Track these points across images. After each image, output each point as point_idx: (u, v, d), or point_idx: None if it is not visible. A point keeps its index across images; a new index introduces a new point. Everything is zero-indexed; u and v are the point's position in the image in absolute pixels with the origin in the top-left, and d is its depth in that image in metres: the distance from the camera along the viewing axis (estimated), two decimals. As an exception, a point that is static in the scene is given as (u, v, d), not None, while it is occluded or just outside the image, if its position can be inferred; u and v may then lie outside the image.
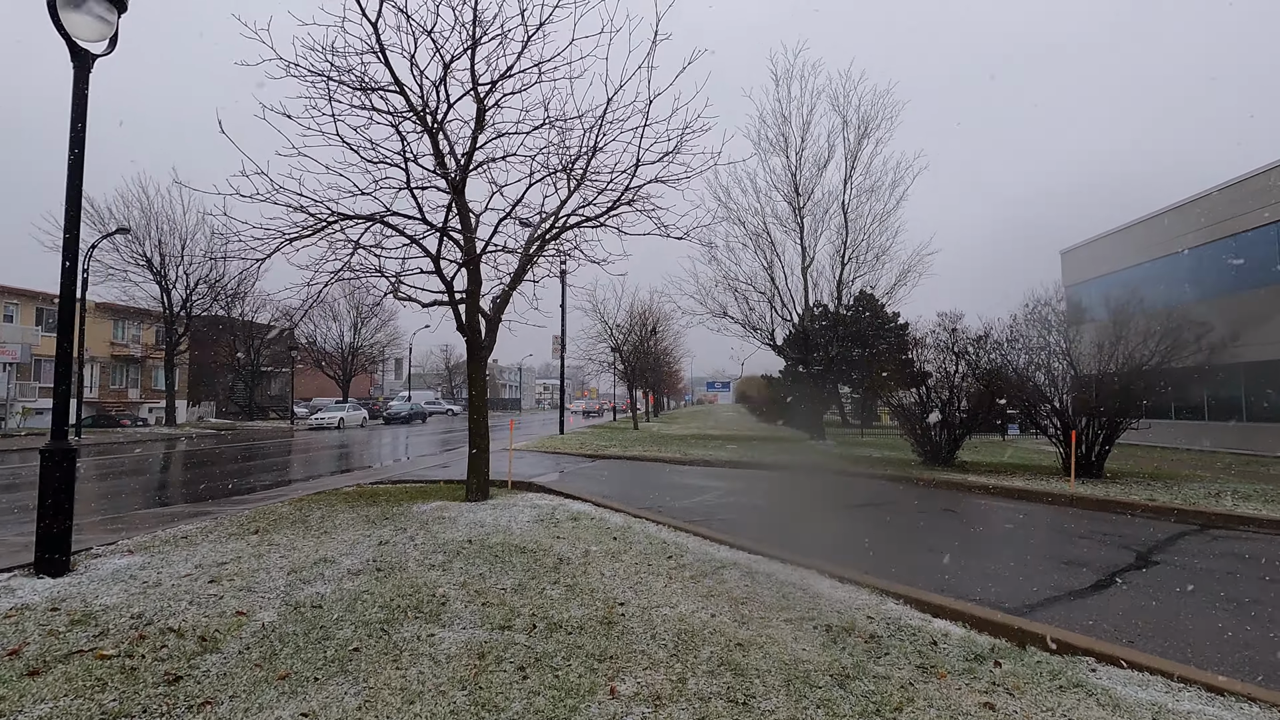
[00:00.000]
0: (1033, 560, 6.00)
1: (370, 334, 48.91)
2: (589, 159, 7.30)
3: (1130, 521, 8.29)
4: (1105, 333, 12.49)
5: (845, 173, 21.38)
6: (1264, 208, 19.06)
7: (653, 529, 6.51)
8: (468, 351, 7.55)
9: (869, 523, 7.88)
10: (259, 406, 47.51)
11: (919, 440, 14.33)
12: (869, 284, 21.40)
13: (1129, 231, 25.68)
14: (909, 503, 9.44)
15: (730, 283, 22.11)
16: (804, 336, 22.00)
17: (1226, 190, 20.61)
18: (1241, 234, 19.88)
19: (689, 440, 21.93)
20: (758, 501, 9.28)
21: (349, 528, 6.36)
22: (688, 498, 9.30)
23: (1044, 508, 9.28)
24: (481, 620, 3.86)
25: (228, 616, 3.93)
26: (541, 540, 5.82)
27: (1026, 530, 7.56)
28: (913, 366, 14.24)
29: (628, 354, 31.34)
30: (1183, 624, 4.35)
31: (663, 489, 10.28)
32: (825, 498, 9.91)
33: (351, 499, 8.09)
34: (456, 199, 7.06)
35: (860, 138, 21.09)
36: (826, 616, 4.08)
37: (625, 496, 9.18)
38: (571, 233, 8.01)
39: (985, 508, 9.12)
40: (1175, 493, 10.23)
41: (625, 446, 18.52)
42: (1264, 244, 19.36)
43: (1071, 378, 12.89)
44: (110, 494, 10.72)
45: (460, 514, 6.88)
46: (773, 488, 11.09)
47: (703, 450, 17.31)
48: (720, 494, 9.76)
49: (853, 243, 21.42)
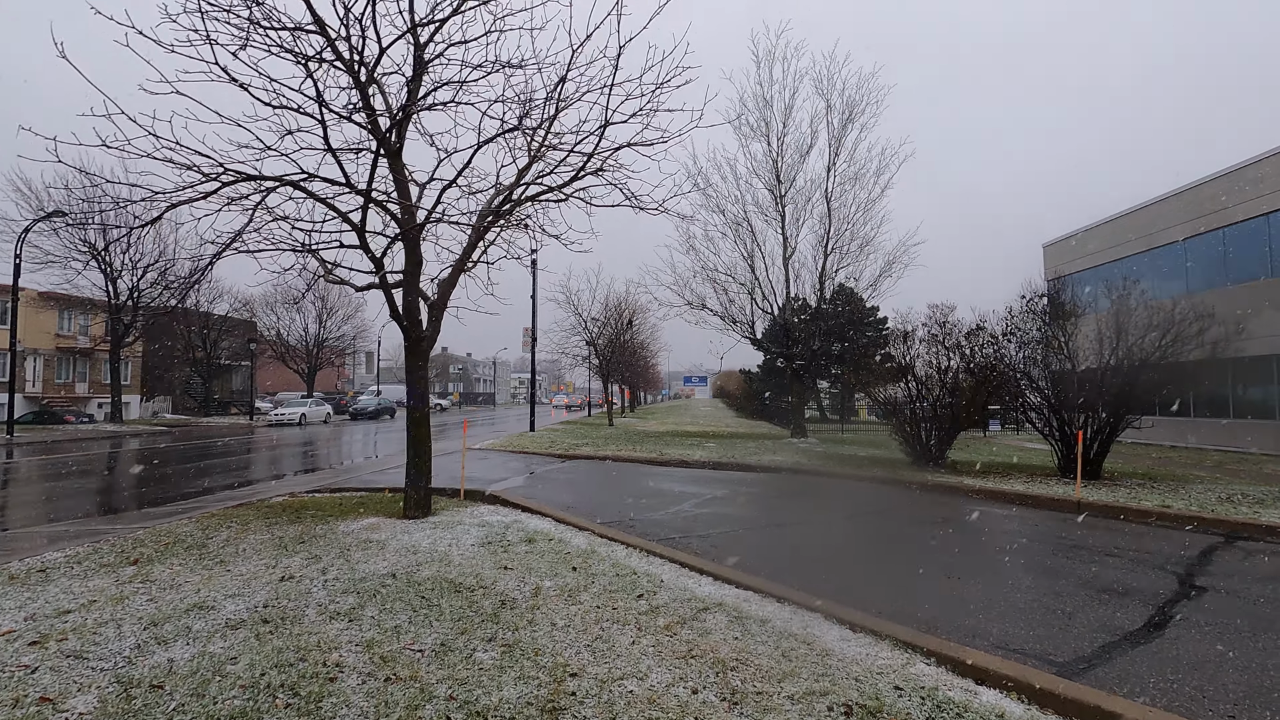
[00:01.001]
0: (1066, 588, 5.12)
1: (336, 326, 47.13)
2: (552, 119, 6.24)
3: (1150, 533, 7.49)
4: (1107, 324, 11.75)
5: (829, 159, 20.54)
6: (1254, 199, 18.61)
7: (621, 554, 5.49)
8: (405, 342, 6.45)
9: (869, 539, 6.97)
10: (219, 401, 45.51)
11: (908, 439, 13.52)
12: (853, 275, 20.64)
13: (1114, 224, 25.26)
14: (907, 511, 8.56)
15: (709, 273, 21.18)
16: (785, 329, 21.15)
17: (1216, 181, 20.16)
18: (1229, 226, 19.44)
19: (665, 438, 20.98)
20: (741, 512, 8.32)
21: (253, 555, 5.24)
22: (663, 507, 8.31)
23: (1052, 517, 8.45)
24: (377, 710, 2.81)
25: (25, 706, 2.83)
26: (484, 572, 4.77)
27: (1044, 546, 6.70)
28: (902, 361, 13.41)
29: (603, 347, 30.25)
30: None
31: (636, 496, 9.28)
32: (815, 506, 9.00)
33: (273, 514, 6.95)
34: (392, 162, 5.95)
35: (845, 122, 20.25)
36: (843, 688, 3.10)
37: (593, 507, 8.16)
38: (532, 206, 6.94)
39: (991, 517, 8.28)
40: (1185, 497, 9.51)
41: (598, 445, 17.49)
42: (1252, 237, 18.94)
43: (1069, 373, 12.15)
44: (8, 505, 9.41)
45: (393, 535, 5.80)
46: (756, 494, 10.16)
47: (680, 449, 16.34)
48: (699, 502, 8.79)
49: (836, 232, 20.61)
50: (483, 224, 6.54)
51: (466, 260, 6.52)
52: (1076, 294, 14.33)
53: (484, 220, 6.51)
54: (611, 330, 30.11)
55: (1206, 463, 16.57)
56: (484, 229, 6.47)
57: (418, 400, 6.48)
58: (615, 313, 30.27)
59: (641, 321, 34.37)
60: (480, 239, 6.56)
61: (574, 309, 29.44)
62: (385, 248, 5.88)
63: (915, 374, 13.44)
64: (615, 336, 30.43)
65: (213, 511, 7.16)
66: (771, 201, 21.03)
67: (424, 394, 6.49)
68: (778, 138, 20.72)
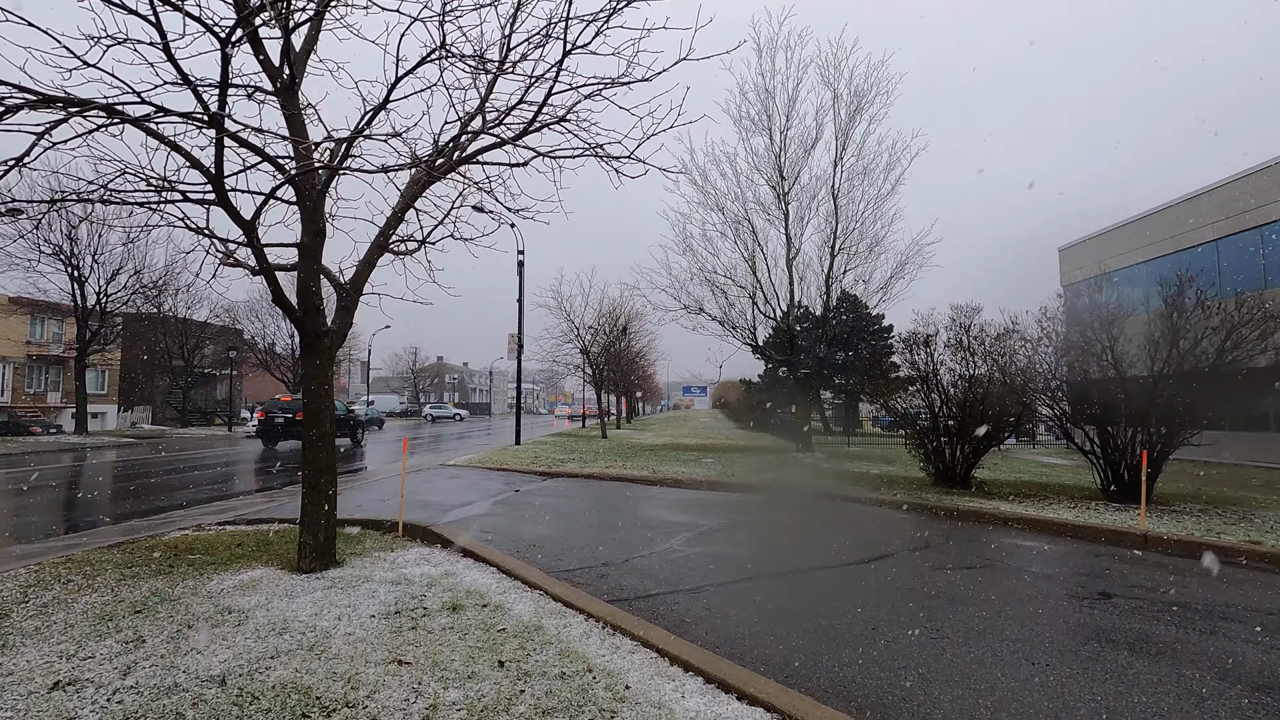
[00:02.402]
0: (1215, 690, 3.59)
1: (323, 334, 45.50)
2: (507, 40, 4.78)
3: (1256, 582, 5.95)
4: (1159, 326, 10.25)
5: (835, 153, 19.11)
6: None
7: (576, 631, 3.95)
8: (301, 338, 4.92)
9: (908, 597, 5.44)
10: (202, 411, 43.95)
11: (930, 457, 12.00)
12: (862, 276, 19.15)
13: (1135, 225, 23.84)
14: (946, 551, 7.01)
15: (707, 275, 19.71)
16: (789, 336, 19.66)
17: (1251, 177, 18.75)
18: (1269, 225, 18.00)
19: (660, 452, 19.44)
20: (743, 551, 6.78)
21: (56, 635, 3.73)
22: (648, 544, 6.78)
23: (1119, 557, 6.91)
24: None
25: None
26: (365, 673, 3.24)
27: (1139, 607, 5.16)
28: (924, 368, 11.91)
29: (595, 356, 28.72)
30: None
31: (617, 528, 7.74)
32: (835, 542, 7.46)
33: (142, 561, 5.42)
34: (284, 100, 4.49)
35: (853, 114, 18.83)
36: None
37: (562, 545, 6.62)
38: (482, 171, 5.46)
39: (1049, 559, 6.74)
40: (1266, 527, 8.01)
41: (586, 461, 15.95)
42: (1293, 235, 17.50)
43: (1115, 381, 10.64)
44: None
45: (268, 600, 4.27)
46: (761, 524, 8.63)
47: (675, 465, 14.81)
48: (692, 536, 7.26)
49: (843, 231, 19.15)
50: (418, 179, 5.05)
51: (393, 229, 5.03)
52: (1121, 293, 12.78)
53: (418, 172, 5.01)
54: (605, 337, 28.59)
55: (1254, 481, 15.01)
56: (418, 189, 4.99)
57: (313, 418, 4.93)
58: (609, 318, 28.78)
59: (637, 329, 32.90)
60: (411, 204, 5.07)
61: (566, 315, 27.98)
62: (262, 204, 4.37)
63: (939, 383, 11.94)
64: (609, 344, 28.91)
65: (71, 557, 5.62)
66: (774, 199, 19.62)
67: (326, 407, 4.96)
68: (780, 131, 19.34)
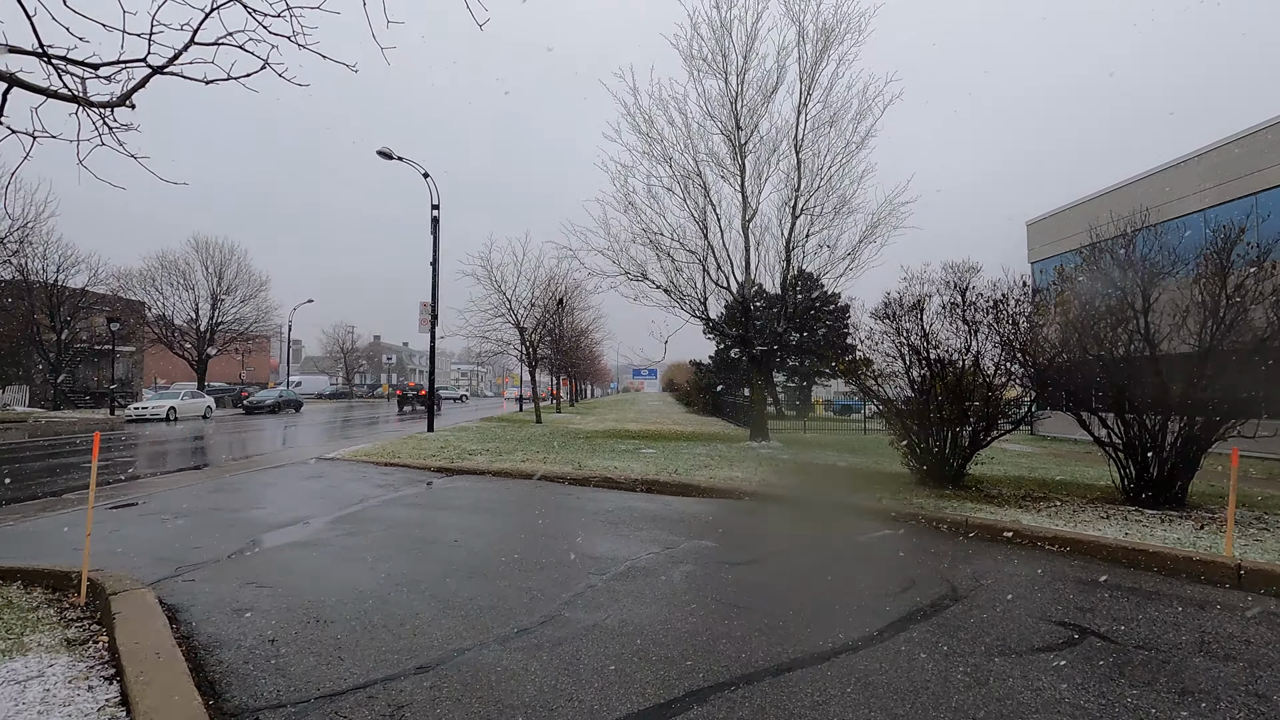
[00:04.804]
0: None
1: (233, 307, 41.07)
2: None
3: None
4: (1206, 288, 8.16)
5: (800, 99, 16.64)
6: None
7: None
8: None
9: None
10: (91, 393, 39.03)
11: (915, 449, 9.78)
12: (827, 241, 16.82)
13: (1108, 198, 22.32)
14: (987, 608, 4.64)
15: (651, 237, 17.05)
16: (744, 309, 17.27)
17: (1241, 141, 17.22)
18: (1265, 192, 16.48)
19: (597, 439, 16.86)
20: (682, 619, 4.23)
21: None
22: (532, 607, 4.19)
23: (1212, 602, 4.67)
24: None
25: None
26: None
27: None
28: (913, 341, 9.62)
29: (530, 332, 25.82)
30: None
31: (493, 572, 5.10)
32: (814, 595, 5.03)
33: None
34: None
35: (820, 53, 16.36)
36: None
37: (367, 622, 3.96)
38: None
39: (1146, 625, 4.42)
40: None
41: (501, 452, 13.23)
42: (1288, 204, 16.02)
43: (1146, 359, 8.55)
44: None
45: None
46: (709, 557, 6.14)
47: (608, 458, 12.26)
48: (607, 584, 4.71)
49: (807, 189, 16.75)
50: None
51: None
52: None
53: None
54: (540, 311, 25.69)
55: None
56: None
57: None
58: (545, 290, 25.87)
59: (578, 303, 30.11)
60: None
61: (496, 286, 24.95)
62: None
63: (929, 359, 9.69)
64: (545, 318, 26.03)
65: None
66: (729, 152, 17.09)
67: None
68: (737, 74, 16.75)
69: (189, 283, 39.53)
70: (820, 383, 46.37)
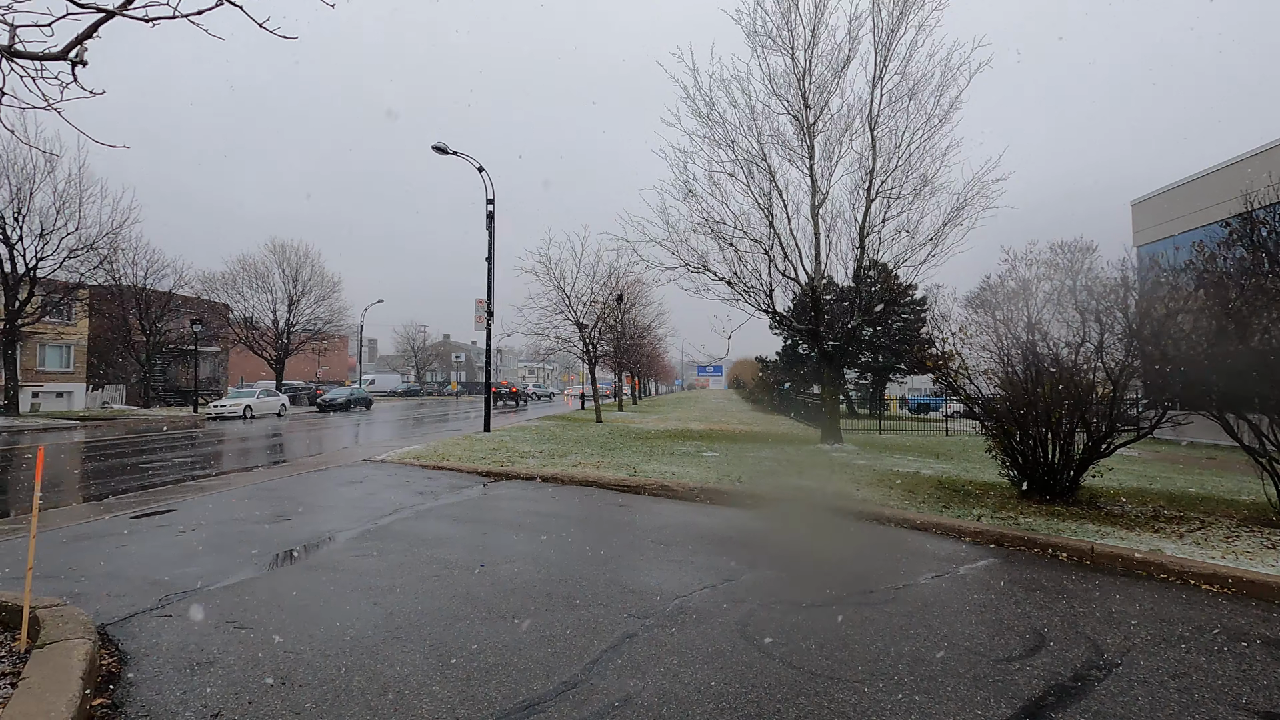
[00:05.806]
0: None
1: (309, 308, 42.48)
2: None
3: None
4: None
5: (875, 71, 15.22)
6: None
7: None
8: None
9: None
10: (180, 391, 41.22)
11: (1016, 456, 8.42)
12: (905, 225, 15.30)
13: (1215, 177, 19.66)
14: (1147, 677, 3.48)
15: (713, 225, 15.98)
16: (814, 301, 15.98)
17: None
18: None
19: (657, 440, 15.99)
20: (749, 690, 3.29)
21: None
22: (554, 668, 3.35)
23: None
24: None
25: None
26: None
27: None
28: (1018, 331, 8.26)
29: (590, 329, 25.20)
30: None
31: (521, 611, 4.30)
32: (908, 637, 3.98)
33: None
34: None
35: (897, 19, 14.91)
36: None
37: (343, 688, 3.21)
38: None
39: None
40: None
41: (555, 455, 12.55)
42: None
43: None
44: None
45: None
46: (779, 595, 5.14)
47: (668, 461, 11.37)
48: (651, 628, 3.83)
49: (883, 169, 15.31)
50: None
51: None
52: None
53: None
54: (600, 307, 25.03)
55: None
56: None
57: None
58: (605, 286, 25.18)
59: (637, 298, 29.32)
60: None
61: (555, 282, 24.46)
62: None
63: (1035, 351, 8.30)
64: (604, 314, 25.36)
65: None
66: (796, 132, 15.82)
67: None
68: (805, 48, 15.46)
69: (267, 284, 41.15)
70: (895, 379, 43.85)
